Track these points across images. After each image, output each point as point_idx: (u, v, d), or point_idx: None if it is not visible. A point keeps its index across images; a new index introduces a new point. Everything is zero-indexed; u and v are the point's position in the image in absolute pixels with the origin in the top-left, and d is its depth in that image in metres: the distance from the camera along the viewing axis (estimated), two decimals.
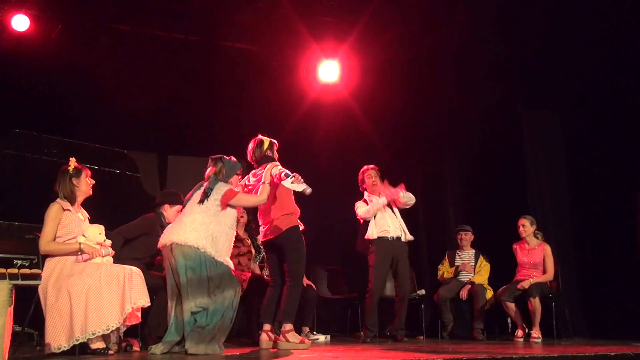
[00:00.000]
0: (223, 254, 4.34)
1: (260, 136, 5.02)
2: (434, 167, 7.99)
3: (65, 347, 3.96)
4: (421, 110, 7.86)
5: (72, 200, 4.35)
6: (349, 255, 7.95)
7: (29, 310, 4.27)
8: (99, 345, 4.07)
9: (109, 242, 4.36)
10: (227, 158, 4.60)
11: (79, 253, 4.18)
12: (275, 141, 5.05)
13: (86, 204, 4.51)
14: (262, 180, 4.68)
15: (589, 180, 6.74)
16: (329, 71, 7.62)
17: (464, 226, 6.89)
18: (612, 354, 4.03)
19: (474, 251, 6.79)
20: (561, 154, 7.13)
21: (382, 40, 7.27)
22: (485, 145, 7.36)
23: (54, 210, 4.24)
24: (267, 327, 4.84)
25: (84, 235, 4.26)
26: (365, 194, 6.12)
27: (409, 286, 6.04)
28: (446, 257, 6.88)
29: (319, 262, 7.21)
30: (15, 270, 4.09)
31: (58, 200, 4.32)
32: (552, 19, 6.46)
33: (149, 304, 4.29)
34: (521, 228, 6.37)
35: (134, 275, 4.20)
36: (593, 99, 6.65)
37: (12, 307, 3.57)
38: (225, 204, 4.36)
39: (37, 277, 4.06)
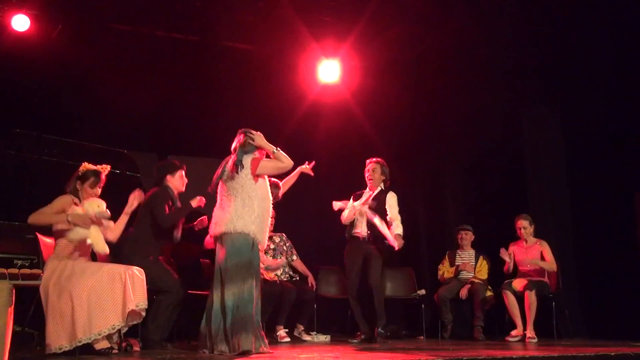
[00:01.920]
0: (265, 235, 4.46)
1: None
2: (434, 167, 7.99)
3: (66, 347, 3.96)
4: (422, 110, 7.85)
5: (78, 197, 4.38)
6: None
7: (29, 310, 4.27)
8: (103, 345, 4.07)
9: (106, 213, 4.31)
10: (252, 132, 4.63)
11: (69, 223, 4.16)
12: None
13: None
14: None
15: (589, 180, 6.74)
16: (329, 71, 7.60)
17: (465, 226, 6.89)
18: (612, 354, 4.04)
19: (474, 251, 6.79)
20: (561, 153, 7.13)
21: (383, 40, 7.26)
22: (486, 145, 7.35)
23: (63, 200, 4.26)
24: None
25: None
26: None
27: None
28: (446, 257, 6.88)
29: (319, 262, 7.20)
30: (15, 270, 4.10)
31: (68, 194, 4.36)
32: (554, 18, 6.45)
33: (146, 306, 4.27)
34: (522, 230, 6.38)
35: (135, 276, 4.19)
36: (593, 99, 6.65)
37: (12, 307, 3.56)
38: (255, 175, 4.43)
39: (37, 277, 4.06)
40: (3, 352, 3.42)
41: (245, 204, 4.35)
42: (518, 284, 6.19)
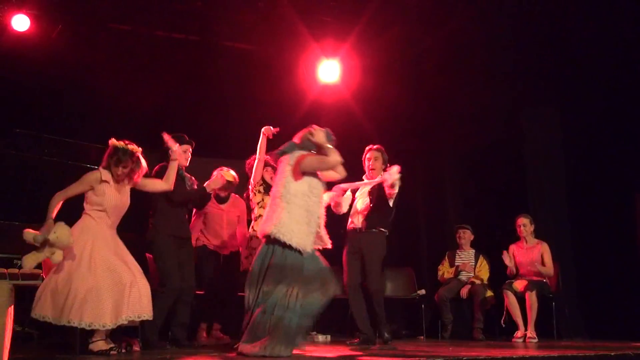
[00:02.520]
0: (309, 238, 4.23)
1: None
2: (434, 167, 7.99)
3: (49, 319, 3.91)
4: (422, 110, 7.85)
5: (114, 176, 4.29)
6: None
7: (29, 310, 4.26)
8: (102, 347, 4.05)
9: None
10: (316, 127, 4.51)
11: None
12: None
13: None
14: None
15: (589, 180, 6.75)
16: (329, 71, 7.60)
17: (463, 224, 6.90)
18: (612, 354, 4.04)
19: (473, 251, 6.79)
20: (561, 153, 7.14)
21: (383, 40, 7.25)
22: (486, 145, 7.36)
23: (89, 176, 4.18)
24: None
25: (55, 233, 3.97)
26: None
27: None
28: (446, 257, 6.89)
29: None
30: (15, 270, 4.07)
31: (100, 168, 4.27)
32: (554, 18, 6.45)
33: (151, 318, 4.22)
34: (522, 228, 6.39)
35: (141, 288, 4.14)
36: (594, 99, 6.66)
37: (12, 307, 3.56)
38: (297, 172, 4.22)
39: (37, 277, 4.04)
40: (3, 352, 3.41)
41: (289, 205, 4.15)
42: (519, 284, 6.19)
